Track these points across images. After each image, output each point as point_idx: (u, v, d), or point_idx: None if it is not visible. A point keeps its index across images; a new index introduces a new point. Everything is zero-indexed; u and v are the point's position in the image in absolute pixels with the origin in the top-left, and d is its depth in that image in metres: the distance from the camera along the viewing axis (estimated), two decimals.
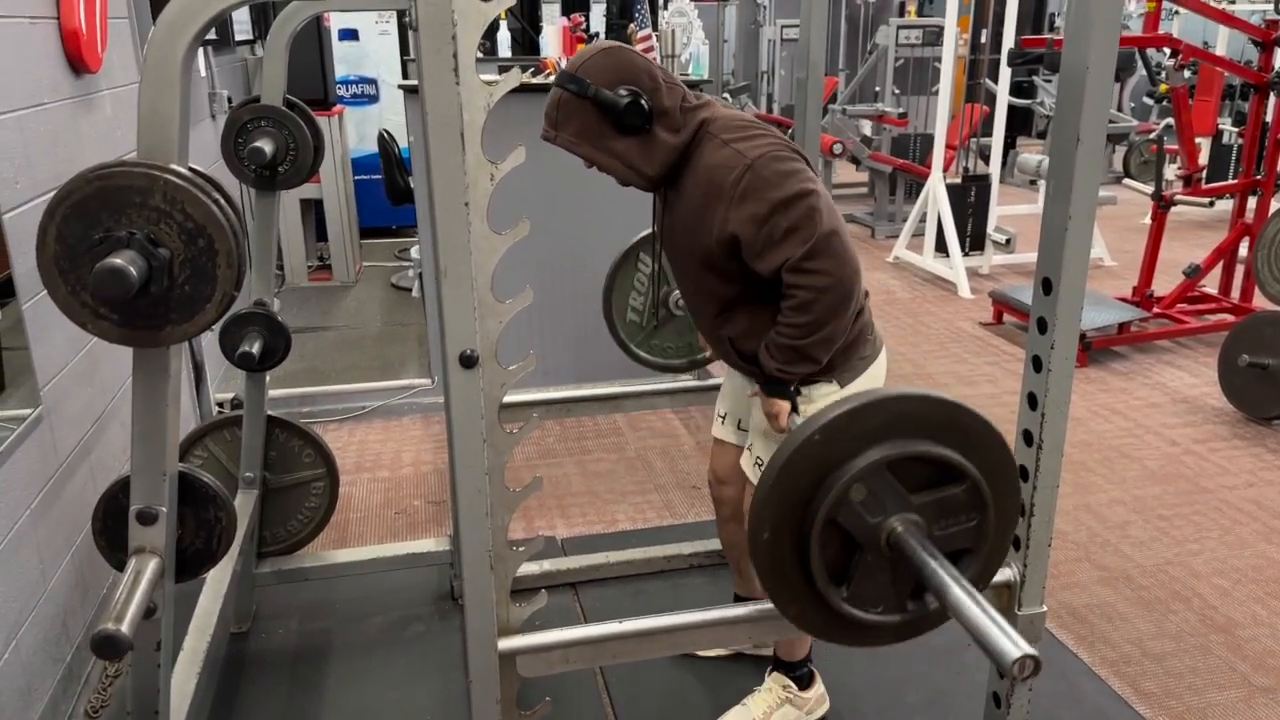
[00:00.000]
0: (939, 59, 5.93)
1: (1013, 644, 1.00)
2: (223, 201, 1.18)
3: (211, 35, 4.15)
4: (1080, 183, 1.29)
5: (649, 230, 2.38)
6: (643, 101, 1.65)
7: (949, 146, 5.94)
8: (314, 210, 5.64)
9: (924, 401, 1.19)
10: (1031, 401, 1.44)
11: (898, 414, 1.18)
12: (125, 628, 1.20)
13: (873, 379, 1.87)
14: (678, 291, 2.41)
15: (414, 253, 5.63)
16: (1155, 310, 4.73)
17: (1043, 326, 1.39)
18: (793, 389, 1.78)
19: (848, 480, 1.15)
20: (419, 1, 1.10)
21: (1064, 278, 1.34)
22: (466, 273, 1.21)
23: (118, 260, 1.09)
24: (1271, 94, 4.49)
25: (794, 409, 1.78)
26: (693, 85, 3.83)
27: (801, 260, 1.63)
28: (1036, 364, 1.41)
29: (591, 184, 2.08)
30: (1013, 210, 6.30)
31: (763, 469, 1.83)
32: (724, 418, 2.12)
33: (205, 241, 1.16)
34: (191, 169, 1.18)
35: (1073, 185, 1.29)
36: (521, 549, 1.42)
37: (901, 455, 1.17)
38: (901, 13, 8.74)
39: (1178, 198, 4.64)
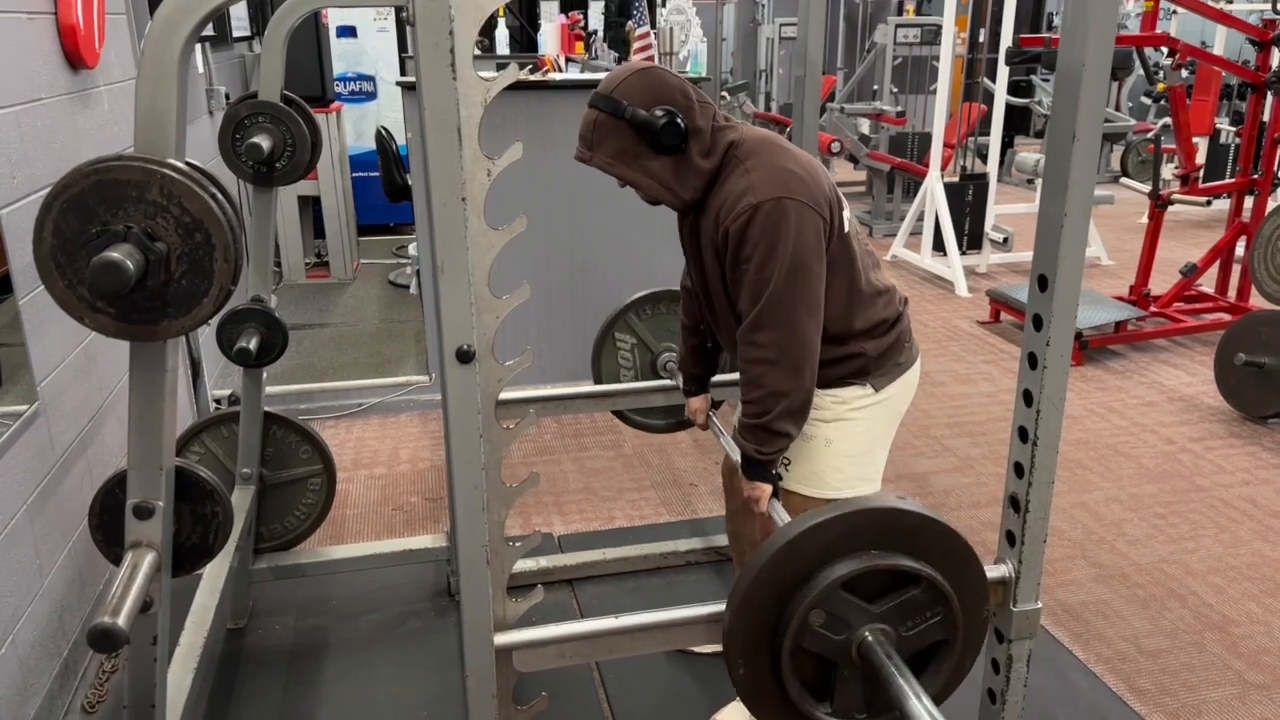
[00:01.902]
0: (937, 58, 5.94)
1: None
2: (220, 196, 1.18)
3: (209, 31, 4.15)
4: (1076, 179, 1.29)
5: (615, 312, 2.51)
6: (679, 121, 1.67)
7: (947, 145, 5.95)
8: (312, 207, 5.64)
9: (865, 514, 1.24)
10: (1027, 398, 1.44)
11: (841, 532, 1.23)
12: (122, 621, 1.20)
13: (906, 385, 1.88)
14: (663, 355, 2.53)
15: (412, 250, 5.64)
16: (1152, 309, 4.74)
17: (1038, 323, 1.39)
18: (774, 473, 1.79)
19: (805, 608, 1.21)
20: None
21: (1059, 274, 1.34)
22: (463, 268, 1.21)
23: (114, 254, 1.09)
24: (1269, 93, 4.50)
25: (774, 494, 1.79)
26: (693, 84, 3.83)
27: (747, 330, 1.68)
28: (1032, 360, 1.41)
29: (591, 182, 2.09)
30: (1010, 209, 6.32)
31: (791, 467, 1.85)
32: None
33: (202, 236, 1.16)
34: (189, 163, 1.18)
35: (1068, 182, 1.29)
36: (518, 545, 1.42)
37: (851, 574, 1.21)
38: (900, 11, 8.75)
39: (1175, 197, 4.65)
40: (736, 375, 2.22)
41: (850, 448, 1.86)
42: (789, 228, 1.63)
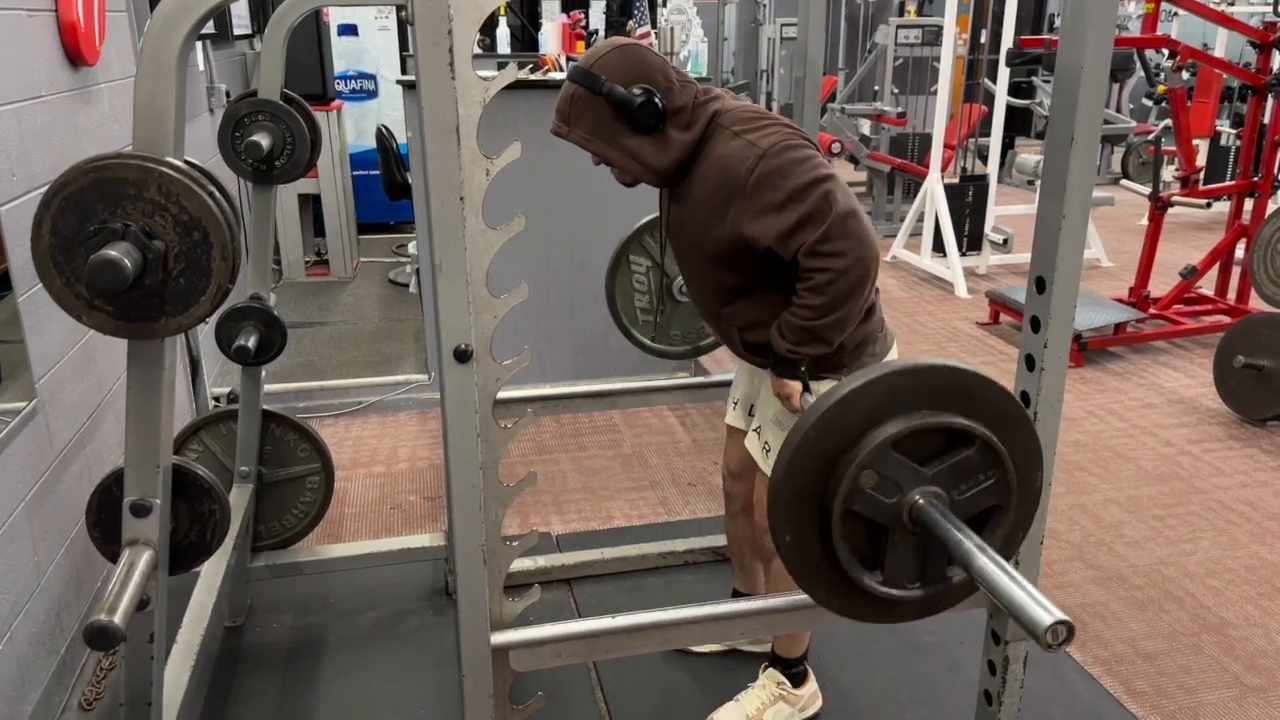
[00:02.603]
0: (938, 58, 5.94)
1: (1044, 610, 0.98)
2: (218, 194, 1.18)
3: (210, 29, 4.15)
4: (1074, 181, 1.29)
5: (630, 233, 2.41)
6: (657, 100, 1.65)
7: (947, 146, 5.94)
8: (312, 205, 5.64)
9: (915, 372, 1.18)
10: (1025, 400, 1.44)
11: (891, 391, 1.17)
12: (118, 619, 1.20)
13: None
14: (679, 279, 2.42)
15: (411, 248, 5.64)
16: (1151, 311, 4.74)
17: (1036, 325, 1.39)
18: (803, 369, 1.77)
19: (855, 469, 1.14)
20: None
21: (1057, 276, 1.34)
22: (461, 267, 1.21)
23: (112, 252, 1.09)
24: (1269, 96, 4.50)
25: (805, 389, 1.78)
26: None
27: (818, 243, 1.63)
28: (1030, 363, 1.42)
29: (591, 182, 2.09)
30: (1010, 210, 6.31)
31: (772, 455, 1.85)
32: (736, 404, 2.12)
33: (200, 234, 1.16)
34: (187, 162, 1.18)
35: (1067, 184, 1.29)
36: (516, 544, 1.42)
37: (903, 432, 1.15)
38: (901, 12, 8.74)
39: (1175, 199, 4.65)
40: (712, 378, 2.19)
41: None
42: (805, 157, 1.63)
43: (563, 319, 3.82)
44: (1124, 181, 7.87)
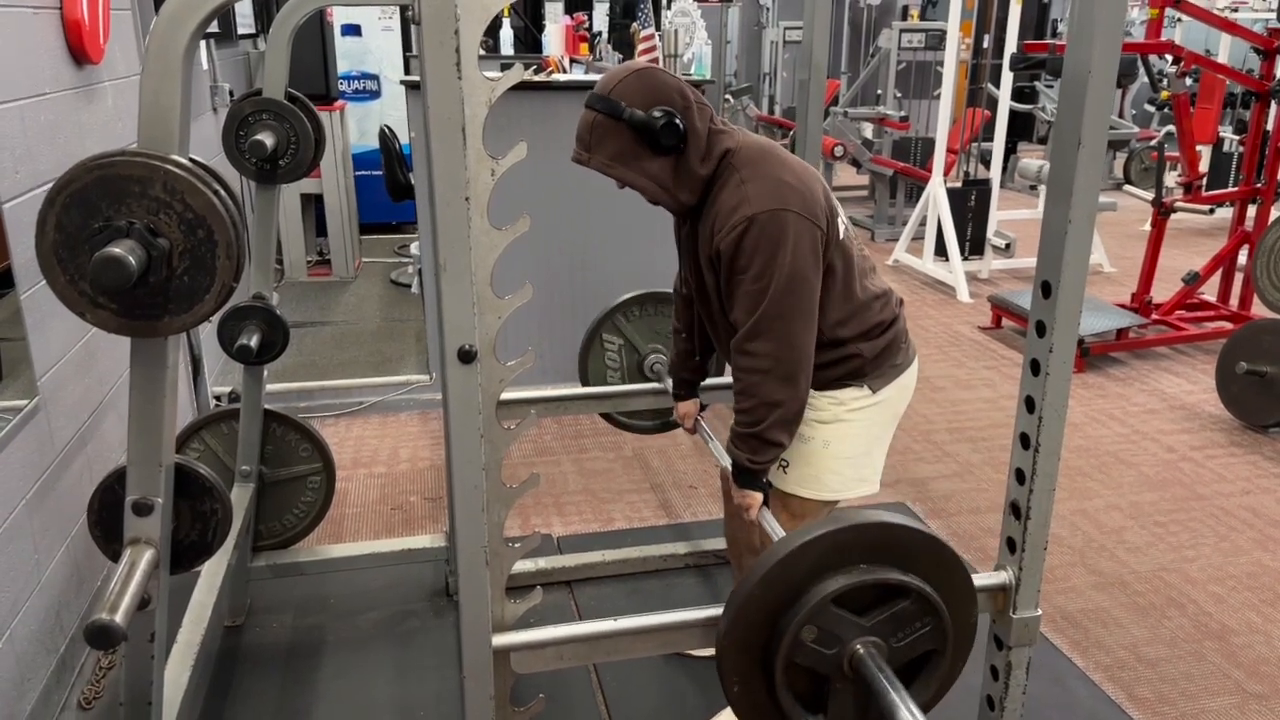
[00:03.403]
0: (941, 63, 5.94)
1: None
2: (222, 193, 1.18)
3: (214, 28, 4.15)
4: (1081, 186, 1.29)
5: (602, 314, 2.52)
6: (677, 121, 1.66)
7: (950, 150, 5.94)
8: (314, 205, 5.64)
9: (853, 530, 1.24)
10: (1029, 405, 1.44)
11: (830, 548, 1.23)
12: (119, 618, 1.20)
13: (902, 387, 1.88)
14: (650, 357, 2.54)
15: (413, 249, 5.64)
16: (1154, 317, 4.74)
17: (1041, 330, 1.39)
18: (765, 481, 1.79)
19: (797, 624, 1.20)
20: None
21: (1063, 281, 1.33)
22: (466, 267, 1.21)
23: (116, 249, 1.09)
24: (1273, 102, 4.50)
25: (765, 501, 1.79)
26: (695, 86, 3.84)
27: (743, 340, 1.68)
28: (1035, 367, 1.41)
29: (596, 184, 2.08)
30: (1013, 215, 6.31)
31: (788, 469, 1.85)
32: None
33: (204, 232, 1.16)
34: (192, 160, 1.18)
35: (1073, 188, 1.28)
36: (517, 546, 1.41)
37: (842, 589, 1.21)
38: (904, 16, 8.75)
39: (1178, 205, 4.64)
40: (726, 380, 2.23)
41: (848, 449, 1.86)
42: (786, 240, 1.63)
43: (565, 320, 3.81)
44: (1126, 187, 7.85)
